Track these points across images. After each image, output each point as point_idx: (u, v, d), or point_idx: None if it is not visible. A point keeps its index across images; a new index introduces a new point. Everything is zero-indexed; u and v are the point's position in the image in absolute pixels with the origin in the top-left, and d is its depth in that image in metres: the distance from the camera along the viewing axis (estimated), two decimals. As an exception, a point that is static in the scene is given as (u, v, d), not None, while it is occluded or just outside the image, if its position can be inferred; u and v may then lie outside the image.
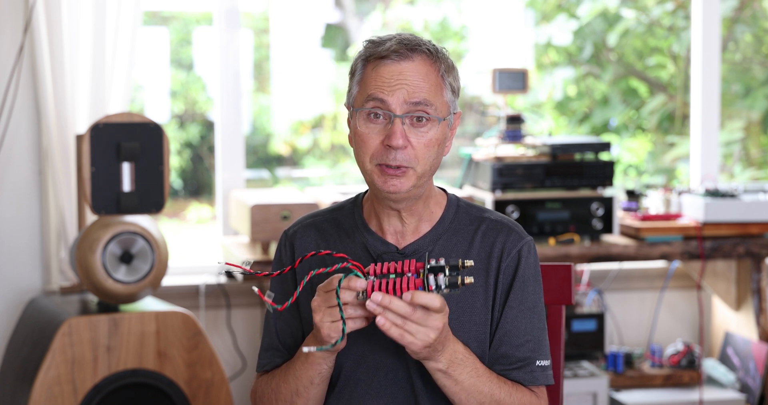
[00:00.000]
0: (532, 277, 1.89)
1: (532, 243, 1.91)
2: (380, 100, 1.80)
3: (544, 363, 1.87)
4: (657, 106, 5.65)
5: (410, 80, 1.80)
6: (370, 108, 1.80)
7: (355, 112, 1.83)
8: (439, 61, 1.83)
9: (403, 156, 1.79)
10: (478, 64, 5.63)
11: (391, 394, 1.87)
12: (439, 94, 1.82)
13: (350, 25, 6.53)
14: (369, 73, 1.82)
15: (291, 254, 1.94)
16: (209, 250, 4.32)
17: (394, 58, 1.80)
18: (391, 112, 1.80)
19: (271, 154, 6.86)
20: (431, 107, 1.81)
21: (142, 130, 3.01)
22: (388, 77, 1.80)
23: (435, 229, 1.90)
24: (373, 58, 1.82)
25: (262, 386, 1.92)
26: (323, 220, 1.95)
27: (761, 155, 5.59)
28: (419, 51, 1.82)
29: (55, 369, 2.87)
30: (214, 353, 3.04)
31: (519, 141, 3.60)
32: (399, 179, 1.80)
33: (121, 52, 3.36)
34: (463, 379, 1.77)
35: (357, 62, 1.86)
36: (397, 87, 1.79)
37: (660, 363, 3.78)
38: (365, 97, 1.81)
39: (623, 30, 5.54)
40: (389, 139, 1.79)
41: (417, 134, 1.80)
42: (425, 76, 1.81)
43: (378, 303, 1.66)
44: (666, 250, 3.53)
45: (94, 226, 2.98)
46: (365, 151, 1.82)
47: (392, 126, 1.79)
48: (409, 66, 1.81)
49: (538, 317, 1.88)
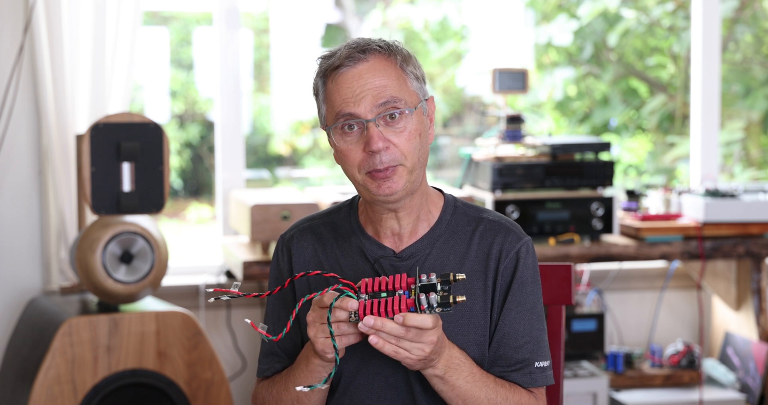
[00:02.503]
0: (530, 278, 1.88)
1: (530, 243, 1.90)
2: (349, 114, 1.79)
3: (543, 364, 1.87)
4: (657, 106, 5.65)
5: (371, 82, 1.79)
6: (342, 122, 1.79)
7: (329, 130, 1.82)
8: (393, 54, 1.82)
9: (388, 157, 1.79)
10: (478, 64, 5.63)
11: (390, 399, 1.87)
12: (404, 85, 1.81)
13: (350, 25, 6.52)
14: (330, 87, 1.81)
15: (288, 259, 1.94)
16: (209, 250, 4.32)
17: (348, 64, 1.79)
18: (362, 119, 1.78)
19: (271, 154, 6.86)
20: (400, 102, 1.79)
21: (142, 130, 3.01)
22: (349, 87, 1.79)
23: (432, 231, 1.89)
24: (329, 71, 1.81)
25: (263, 393, 1.92)
26: (320, 224, 1.95)
27: (761, 155, 5.59)
28: (370, 50, 1.81)
29: (55, 369, 2.87)
30: (214, 353, 3.04)
31: (519, 141, 3.60)
32: (391, 180, 1.80)
33: (121, 52, 3.36)
34: (460, 384, 1.77)
35: (317, 82, 1.85)
36: (360, 95, 1.78)
37: (660, 363, 3.78)
38: (334, 114, 1.80)
39: (623, 30, 5.53)
40: (368, 145, 1.78)
41: (394, 132, 1.79)
42: (384, 72, 1.80)
43: (370, 326, 1.65)
44: (666, 250, 3.53)
45: (94, 226, 2.98)
46: (351, 164, 1.81)
47: (368, 131, 1.78)
48: (365, 67, 1.79)
49: (537, 318, 1.88)
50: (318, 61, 1.85)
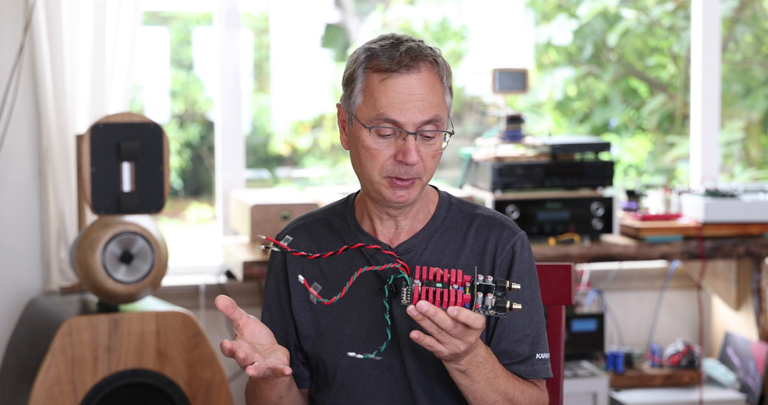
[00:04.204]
0: (527, 272, 1.89)
1: (525, 237, 1.92)
2: (393, 121, 1.78)
3: (543, 356, 1.89)
4: (657, 106, 5.65)
5: (420, 95, 1.78)
6: (384, 126, 1.79)
7: (368, 129, 1.80)
8: (440, 68, 1.82)
9: (414, 170, 1.80)
10: (478, 64, 5.63)
11: (388, 393, 1.87)
12: (443, 101, 1.82)
13: (350, 25, 6.52)
14: (375, 85, 1.79)
15: (282, 257, 1.94)
16: (209, 250, 4.32)
17: (401, 72, 1.78)
18: (404, 129, 1.79)
19: (271, 154, 6.86)
20: (440, 121, 1.81)
21: (142, 130, 3.01)
22: (398, 93, 1.78)
23: (428, 227, 1.90)
24: (379, 69, 1.79)
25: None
26: (314, 222, 1.96)
27: (761, 155, 5.59)
28: (423, 60, 1.80)
29: (55, 369, 2.87)
30: (214, 353, 3.04)
31: (519, 141, 3.60)
32: (407, 190, 1.81)
33: (121, 52, 3.36)
34: (480, 379, 1.77)
35: (357, 69, 1.82)
36: (408, 105, 1.78)
37: (660, 363, 3.78)
38: (375, 114, 1.79)
39: (623, 30, 5.53)
40: (404, 156, 1.78)
41: (426, 148, 1.81)
42: (432, 87, 1.80)
43: (423, 312, 1.63)
44: (666, 250, 3.53)
45: (94, 226, 2.98)
46: (374, 165, 1.81)
47: (405, 143, 1.78)
48: (417, 79, 1.78)
49: (536, 311, 1.89)
50: (365, 52, 1.82)
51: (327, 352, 1.90)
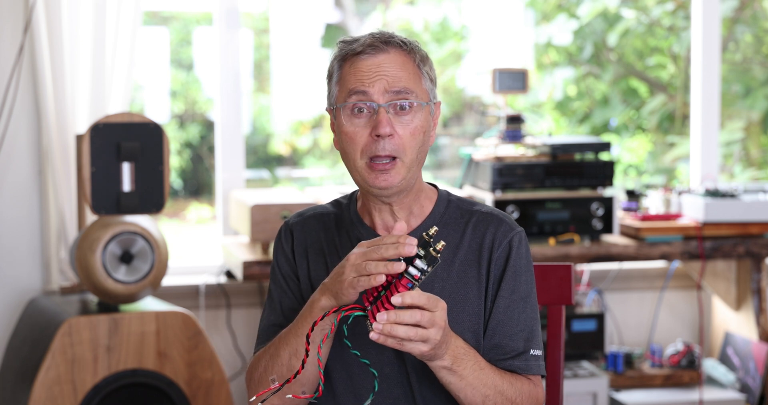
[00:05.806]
0: (523, 268, 1.90)
1: (523, 234, 1.93)
2: (362, 92, 1.82)
3: (537, 352, 1.89)
4: (657, 106, 5.65)
5: (388, 70, 1.83)
6: (354, 102, 1.83)
7: (339, 108, 1.85)
8: (413, 52, 1.87)
9: (391, 145, 1.81)
10: (478, 64, 5.63)
11: (387, 390, 1.88)
12: (418, 82, 1.85)
13: (350, 25, 6.52)
14: (347, 70, 1.85)
15: (291, 241, 1.96)
16: (209, 250, 4.32)
17: (369, 52, 1.84)
18: (373, 102, 1.82)
19: (271, 154, 6.86)
20: (412, 94, 1.84)
21: (142, 130, 3.01)
22: (366, 70, 1.83)
23: (425, 223, 1.91)
24: (349, 56, 1.85)
25: (258, 357, 1.88)
26: (323, 213, 1.98)
27: (761, 155, 5.59)
28: (393, 44, 1.85)
29: (55, 369, 2.87)
30: (214, 353, 3.04)
31: (519, 141, 3.60)
32: (389, 173, 1.83)
33: (121, 52, 3.36)
34: (467, 374, 1.78)
35: (333, 64, 1.89)
36: (376, 78, 1.82)
37: (660, 363, 3.78)
38: (346, 92, 1.84)
39: (623, 30, 5.53)
40: (376, 128, 1.81)
41: (402, 123, 1.83)
42: (402, 65, 1.84)
43: (387, 322, 1.64)
44: (666, 250, 3.53)
45: (94, 226, 2.98)
46: (354, 148, 1.84)
47: (377, 116, 1.82)
48: (386, 58, 1.84)
49: (531, 307, 1.90)
50: (338, 45, 1.88)
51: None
